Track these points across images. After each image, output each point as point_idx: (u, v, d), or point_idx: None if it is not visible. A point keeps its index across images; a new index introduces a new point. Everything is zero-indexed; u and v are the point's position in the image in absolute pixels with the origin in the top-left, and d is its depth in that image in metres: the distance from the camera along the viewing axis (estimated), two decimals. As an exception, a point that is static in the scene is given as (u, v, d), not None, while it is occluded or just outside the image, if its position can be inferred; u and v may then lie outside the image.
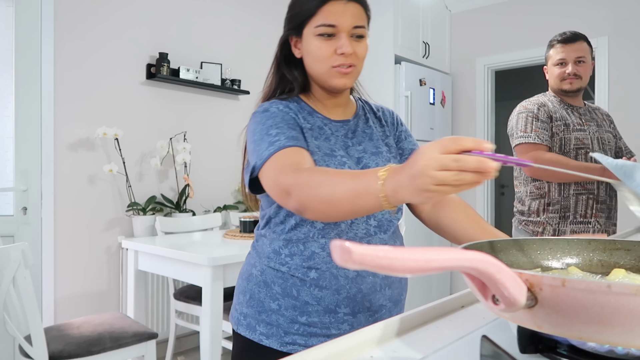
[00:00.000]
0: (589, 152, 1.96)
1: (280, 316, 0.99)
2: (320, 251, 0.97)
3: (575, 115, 2.05)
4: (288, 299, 0.99)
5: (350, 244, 0.38)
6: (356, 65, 1.00)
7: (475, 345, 0.60)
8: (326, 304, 0.97)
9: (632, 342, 0.42)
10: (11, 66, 2.55)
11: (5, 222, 2.53)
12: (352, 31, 0.98)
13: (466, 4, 4.25)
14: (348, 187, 0.75)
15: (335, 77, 0.99)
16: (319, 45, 0.98)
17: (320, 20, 0.97)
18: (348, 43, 0.97)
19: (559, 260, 0.71)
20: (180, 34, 3.20)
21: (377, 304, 0.99)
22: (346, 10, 0.97)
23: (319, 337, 0.98)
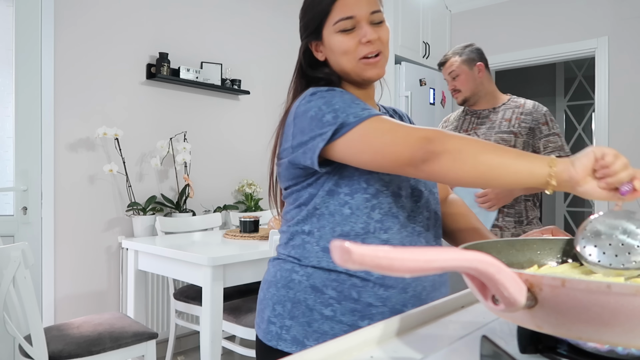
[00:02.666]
0: None
1: (335, 323, 0.91)
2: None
3: (470, 119, 2.18)
4: (346, 302, 0.91)
5: (350, 243, 0.37)
6: (382, 51, 0.98)
7: (475, 345, 0.60)
8: (392, 304, 0.91)
9: (632, 342, 0.42)
10: (11, 66, 2.55)
11: (5, 222, 2.53)
12: (371, 17, 0.96)
13: (466, 4, 4.25)
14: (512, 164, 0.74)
15: (366, 70, 0.97)
16: (342, 40, 0.96)
17: (337, 16, 0.96)
18: (371, 30, 0.95)
19: (559, 260, 0.71)
20: (180, 34, 3.20)
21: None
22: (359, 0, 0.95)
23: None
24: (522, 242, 0.71)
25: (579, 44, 3.72)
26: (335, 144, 0.87)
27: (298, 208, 0.98)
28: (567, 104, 5.68)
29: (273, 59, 3.75)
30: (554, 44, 3.83)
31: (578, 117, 5.57)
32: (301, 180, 0.96)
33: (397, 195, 0.95)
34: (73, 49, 2.71)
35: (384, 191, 0.94)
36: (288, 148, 0.95)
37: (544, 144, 2.04)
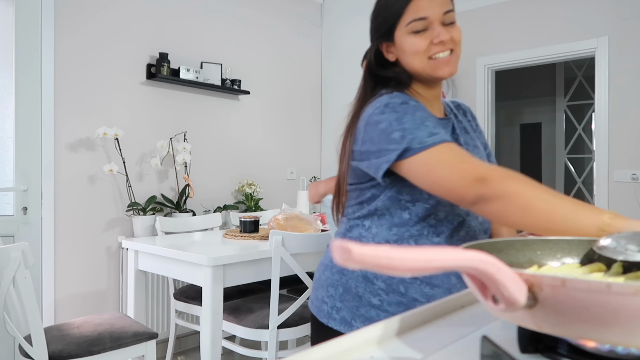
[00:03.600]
0: None
1: (382, 312, 0.97)
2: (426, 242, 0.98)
3: None
4: (393, 295, 0.97)
5: (351, 243, 0.37)
6: (455, 49, 1.00)
7: (475, 345, 0.60)
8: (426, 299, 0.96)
9: (632, 342, 0.42)
10: (11, 66, 2.55)
11: (5, 222, 2.53)
12: (443, 18, 0.98)
13: (466, 4, 4.25)
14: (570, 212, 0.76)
15: (438, 68, 0.99)
16: (414, 41, 0.98)
17: (410, 16, 0.97)
18: (444, 30, 0.97)
19: (559, 260, 0.71)
20: (180, 34, 3.20)
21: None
22: (433, 0, 0.97)
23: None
24: (522, 242, 0.71)
25: (579, 44, 3.72)
26: (398, 164, 0.91)
27: (360, 205, 1.04)
28: (567, 104, 5.68)
29: (273, 59, 3.75)
30: (554, 44, 3.83)
31: (578, 117, 5.57)
32: (365, 180, 1.01)
33: (454, 204, 0.97)
34: (73, 49, 2.71)
35: (443, 201, 0.97)
36: (356, 151, 0.99)
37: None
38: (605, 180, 3.60)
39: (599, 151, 3.64)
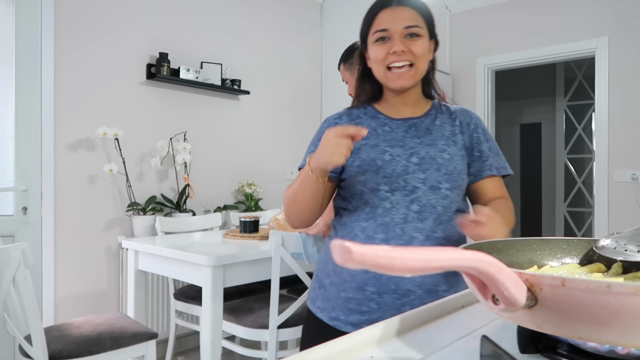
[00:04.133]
0: None
1: (330, 292, 1.12)
2: (360, 233, 1.09)
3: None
4: (335, 276, 1.12)
5: (351, 243, 0.38)
6: (414, 63, 1.09)
7: (475, 345, 0.60)
8: (357, 281, 1.07)
9: (632, 342, 0.42)
10: (11, 66, 2.55)
11: (5, 222, 2.53)
12: (405, 31, 1.08)
13: (466, 4, 4.25)
14: (297, 182, 1.08)
15: (392, 80, 1.11)
16: (376, 50, 1.11)
17: (375, 28, 1.11)
18: (399, 42, 1.08)
19: (559, 260, 0.71)
20: (180, 34, 3.20)
21: (403, 287, 1.05)
22: (396, 14, 1.09)
23: (355, 314, 1.08)
24: (522, 242, 0.71)
25: (579, 44, 3.72)
26: None
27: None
28: (567, 104, 5.67)
29: (273, 59, 3.75)
30: (554, 44, 3.83)
31: (578, 117, 5.57)
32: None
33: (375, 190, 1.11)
34: (73, 49, 2.71)
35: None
36: None
37: None
38: (605, 180, 3.60)
39: (599, 151, 3.64)
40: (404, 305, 1.05)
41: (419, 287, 1.05)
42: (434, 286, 1.06)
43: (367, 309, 1.07)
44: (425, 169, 1.09)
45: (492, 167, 1.17)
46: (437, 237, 1.07)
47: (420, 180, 1.08)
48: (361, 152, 1.12)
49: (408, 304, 1.05)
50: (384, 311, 1.06)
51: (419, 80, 1.15)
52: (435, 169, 1.09)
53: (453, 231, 1.11)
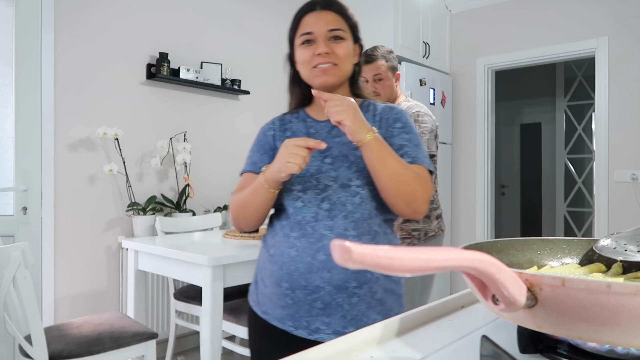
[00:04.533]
0: None
1: (260, 287, 1.19)
2: (279, 231, 1.15)
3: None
4: (262, 272, 1.19)
5: (351, 243, 0.38)
6: (338, 64, 1.14)
7: (475, 345, 0.60)
8: (274, 278, 1.12)
9: (632, 342, 0.42)
10: (11, 66, 2.55)
11: (5, 222, 2.53)
12: (328, 34, 1.14)
13: (466, 4, 4.25)
14: (249, 190, 1.13)
15: (317, 76, 1.14)
16: (302, 52, 1.16)
17: (300, 31, 1.16)
18: (323, 44, 1.12)
19: (559, 260, 0.71)
20: (180, 34, 3.20)
21: (313, 284, 1.08)
22: (320, 18, 1.14)
23: (277, 308, 1.13)
24: (522, 242, 0.71)
25: (579, 44, 3.72)
26: None
27: None
28: (567, 104, 5.68)
29: (273, 59, 3.75)
30: (554, 44, 3.83)
31: (578, 117, 5.57)
32: None
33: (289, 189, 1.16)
34: (73, 49, 2.71)
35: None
36: None
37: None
38: (605, 180, 3.60)
39: (599, 151, 3.64)
40: (315, 301, 1.08)
41: (328, 283, 1.07)
42: (343, 282, 1.08)
43: (284, 304, 1.11)
44: (337, 167, 1.12)
45: (405, 156, 1.14)
46: (348, 234, 1.09)
47: (332, 179, 1.12)
48: None
49: (319, 299, 1.08)
50: (298, 306, 1.09)
51: (342, 80, 1.18)
52: (346, 166, 1.12)
53: (368, 229, 1.11)
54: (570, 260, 0.71)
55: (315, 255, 1.08)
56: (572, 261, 0.71)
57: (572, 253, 0.71)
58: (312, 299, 1.08)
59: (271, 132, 1.23)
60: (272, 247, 1.16)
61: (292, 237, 1.11)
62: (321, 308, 1.08)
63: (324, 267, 1.07)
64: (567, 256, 0.71)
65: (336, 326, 1.08)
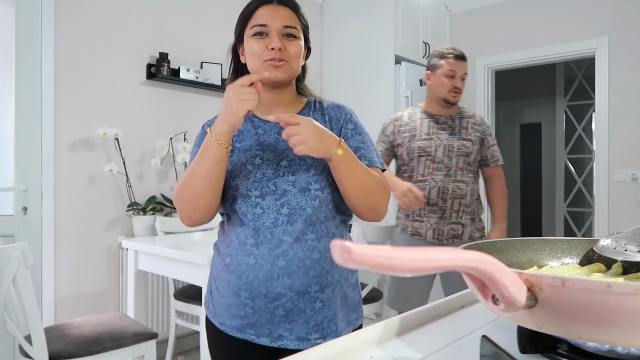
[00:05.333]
0: (430, 159, 2.22)
1: (216, 297, 1.14)
2: (234, 239, 1.10)
3: (431, 124, 2.27)
4: (218, 281, 1.14)
5: (351, 243, 0.38)
6: (289, 61, 1.10)
7: (475, 345, 0.60)
8: (233, 287, 1.08)
9: (632, 342, 0.42)
10: (11, 66, 2.55)
11: (5, 222, 2.53)
12: (283, 30, 1.10)
13: (466, 4, 4.25)
14: (196, 159, 1.04)
15: (267, 70, 1.09)
16: (253, 44, 1.11)
17: (253, 22, 1.11)
18: (277, 39, 1.08)
19: (559, 260, 0.71)
20: (180, 34, 3.20)
21: (274, 291, 1.05)
22: (276, 12, 1.10)
23: (236, 319, 1.09)
24: (522, 242, 0.71)
25: (579, 44, 3.72)
26: None
27: None
28: (567, 104, 5.67)
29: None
30: (554, 44, 3.83)
31: (578, 117, 5.57)
32: None
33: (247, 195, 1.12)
34: (73, 49, 2.71)
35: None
36: None
37: (491, 153, 2.37)
38: (605, 180, 3.60)
39: (599, 151, 3.64)
40: (276, 309, 1.05)
41: (290, 289, 1.05)
42: (305, 287, 1.05)
43: (244, 313, 1.07)
44: (294, 170, 1.08)
45: (362, 159, 1.13)
46: (307, 238, 1.07)
47: (291, 183, 1.08)
48: (233, 155, 1.11)
49: (280, 306, 1.05)
50: (259, 315, 1.06)
51: (292, 78, 1.15)
52: (304, 170, 1.08)
53: (326, 232, 1.10)
54: (570, 260, 0.71)
55: (274, 261, 1.05)
56: (572, 261, 0.71)
57: (572, 253, 0.71)
58: (274, 307, 1.05)
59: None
60: (227, 255, 1.10)
61: (249, 245, 1.07)
62: (283, 315, 1.06)
63: (284, 273, 1.05)
64: (567, 256, 0.71)
65: (299, 332, 1.06)
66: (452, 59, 2.23)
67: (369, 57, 3.78)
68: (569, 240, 0.72)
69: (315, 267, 1.07)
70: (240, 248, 1.08)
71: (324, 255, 1.08)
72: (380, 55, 3.71)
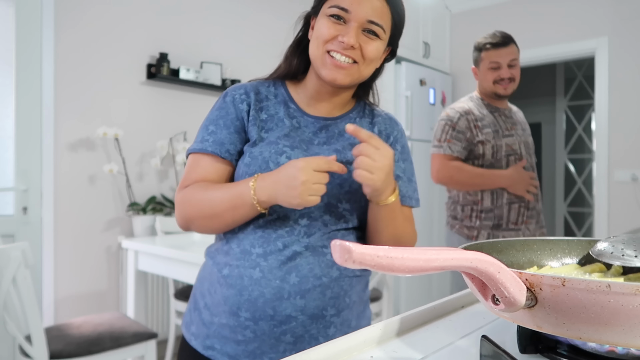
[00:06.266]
0: (517, 157, 1.97)
1: (205, 316, 0.94)
2: (236, 246, 0.92)
3: (503, 119, 2.02)
4: (209, 297, 0.94)
5: (351, 243, 0.37)
6: (359, 63, 0.91)
7: (475, 345, 0.60)
8: (230, 305, 0.89)
9: (632, 342, 0.42)
10: (11, 66, 2.55)
11: (5, 222, 2.53)
12: (366, 25, 0.89)
13: (466, 4, 4.25)
14: (226, 200, 0.87)
15: (327, 66, 0.90)
16: (325, 24, 0.90)
17: (333, 1, 0.90)
18: (354, 34, 0.88)
19: (559, 260, 0.71)
20: (180, 34, 3.20)
21: (282, 313, 0.87)
22: (366, 0, 0.88)
23: (230, 343, 0.90)
24: (522, 242, 0.71)
25: (579, 44, 3.72)
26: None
27: None
28: (567, 104, 5.67)
29: (273, 59, 3.74)
30: (554, 44, 3.83)
31: (578, 117, 5.57)
32: None
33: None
34: (73, 49, 2.71)
35: None
36: None
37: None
38: (605, 180, 3.60)
39: (599, 151, 3.64)
40: (283, 334, 0.88)
41: (302, 312, 0.88)
42: (320, 310, 0.89)
43: (242, 337, 0.88)
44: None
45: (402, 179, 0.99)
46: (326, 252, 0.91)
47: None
48: (256, 147, 0.92)
49: (289, 331, 0.88)
50: (261, 340, 0.88)
51: (356, 83, 0.96)
52: (337, 183, 0.91)
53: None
54: (570, 260, 0.71)
55: (285, 277, 0.87)
56: (572, 261, 0.71)
57: (572, 253, 0.71)
58: (280, 332, 0.87)
59: (245, 106, 0.96)
60: (225, 266, 0.91)
61: (255, 254, 0.89)
62: (291, 342, 0.88)
63: (296, 292, 0.87)
64: (567, 256, 0.71)
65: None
66: (491, 48, 1.99)
67: (369, 57, 3.78)
68: (569, 241, 0.72)
69: (333, 286, 0.90)
70: (243, 257, 0.89)
71: (343, 273, 0.92)
72: (380, 55, 3.71)
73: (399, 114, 3.67)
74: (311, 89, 0.98)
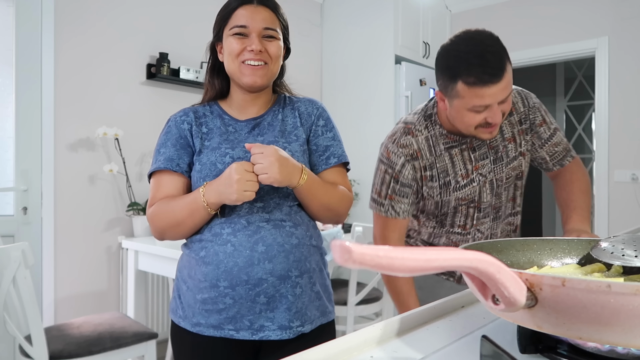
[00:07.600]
0: (473, 206, 1.38)
1: (188, 298, 1.10)
2: (207, 233, 1.09)
3: (467, 154, 1.35)
4: (190, 280, 1.10)
5: (351, 243, 0.38)
6: (268, 63, 1.11)
7: (475, 345, 0.60)
8: (210, 279, 1.05)
9: (632, 342, 0.42)
10: (11, 66, 2.55)
11: (5, 222, 2.53)
12: (263, 32, 1.11)
13: (466, 4, 4.25)
14: (185, 209, 1.06)
15: (245, 74, 1.10)
16: (232, 43, 1.10)
17: (233, 22, 1.11)
18: (257, 41, 1.09)
19: (559, 260, 0.71)
20: (180, 34, 3.20)
21: (255, 276, 1.04)
22: (256, 13, 1.10)
23: (213, 314, 1.06)
24: (522, 242, 0.71)
25: (579, 44, 3.72)
26: None
27: None
28: (567, 104, 5.67)
29: (273, 59, 3.75)
30: (554, 44, 3.83)
31: (578, 117, 5.57)
32: None
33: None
34: (73, 49, 2.71)
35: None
36: None
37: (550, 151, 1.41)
38: (605, 180, 3.60)
39: (599, 151, 3.64)
40: (257, 295, 1.04)
41: (271, 274, 1.04)
42: (286, 272, 1.06)
43: (223, 305, 1.05)
44: None
45: (331, 157, 1.17)
46: (284, 225, 1.08)
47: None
48: (202, 155, 1.11)
49: (262, 292, 1.04)
50: (239, 305, 1.04)
51: (271, 81, 1.16)
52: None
53: (301, 220, 1.12)
54: (570, 260, 0.71)
55: (254, 247, 1.05)
56: (572, 261, 0.71)
57: (572, 253, 0.71)
58: (255, 294, 1.04)
59: (186, 125, 1.15)
60: (201, 249, 1.08)
61: (225, 234, 1.06)
62: (264, 302, 1.05)
63: (265, 258, 1.04)
64: (567, 256, 0.71)
65: (281, 320, 1.05)
66: (477, 85, 1.12)
67: (368, 56, 3.78)
68: (569, 241, 0.72)
69: (294, 252, 1.07)
70: (215, 239, 1.07)
71: (302, 241, 1.09)
72: (380, 55, 3.71)
73: (399, 114, 3.66)
74: (237, 99, 1.18)
